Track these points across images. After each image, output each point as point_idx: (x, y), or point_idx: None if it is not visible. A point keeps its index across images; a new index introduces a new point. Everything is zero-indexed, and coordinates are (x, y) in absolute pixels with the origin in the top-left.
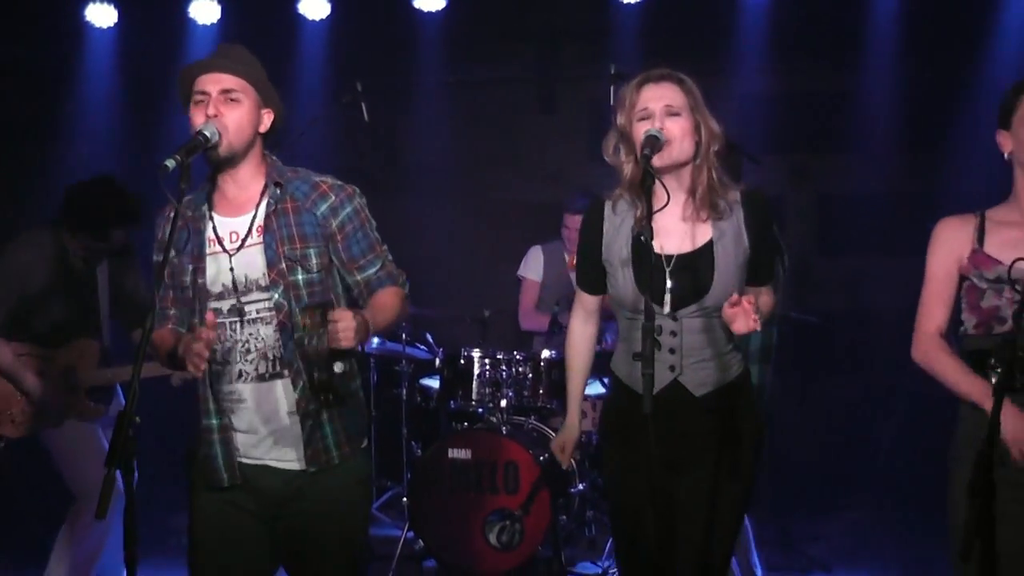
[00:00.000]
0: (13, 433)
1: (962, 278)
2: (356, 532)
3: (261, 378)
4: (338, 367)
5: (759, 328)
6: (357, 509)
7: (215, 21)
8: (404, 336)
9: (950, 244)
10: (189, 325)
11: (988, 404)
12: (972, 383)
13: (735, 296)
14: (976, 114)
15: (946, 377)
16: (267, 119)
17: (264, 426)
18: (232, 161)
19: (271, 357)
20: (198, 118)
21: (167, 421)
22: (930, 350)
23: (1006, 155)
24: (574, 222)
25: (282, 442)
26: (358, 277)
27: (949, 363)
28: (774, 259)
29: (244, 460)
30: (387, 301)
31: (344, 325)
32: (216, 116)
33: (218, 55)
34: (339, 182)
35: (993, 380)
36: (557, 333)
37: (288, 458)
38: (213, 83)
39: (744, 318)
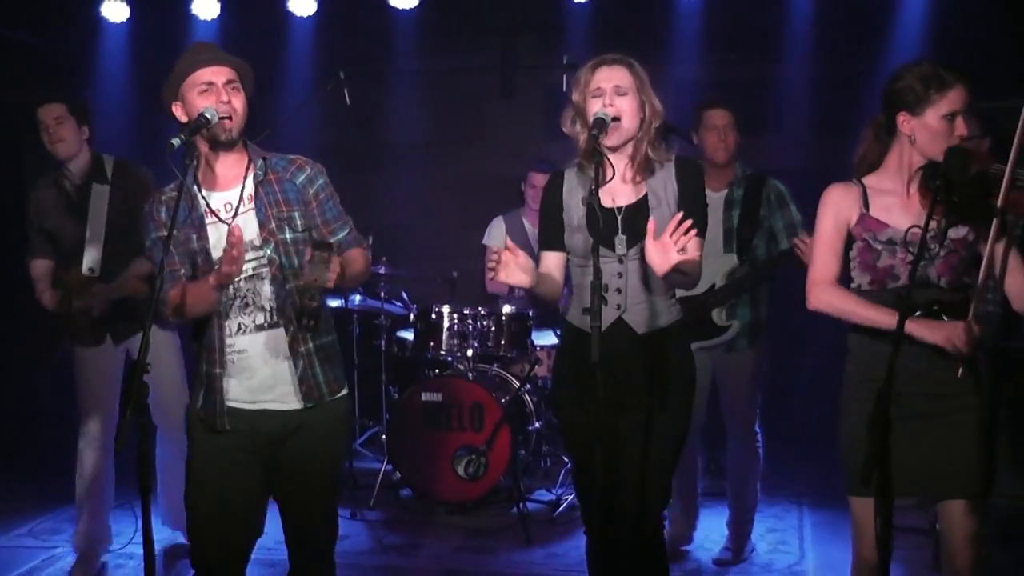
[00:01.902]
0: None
1: (852, 239)
2: (339, 463)
3: (260, 328)
4: (315, 302)
5: (682, 259)
6: (340, 445)
7: (215, 17)
8: (382, 294)
9: (839, 206)
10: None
11: (913, 327)
12: (876, 309)
13: (652, 225)
14: (878, 100)
15: (850, 310)
16: (247, 105)
17: (264, 372)
18: (232, 142)
19: (267, 308)
20: (209, 104)
21: None
22: (830, 292)
23: (907, 135)
24: (538, 179)
25: (280, 385)
26: (331, 240)
27: (850, 298)
28: (703, 218)
29: (247, 406)
30: (356, 257)
31: (336, 269)
32: (228, 102)
33: (208, 50)
34: (309, 159)
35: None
36: (517, 292)
37: (287, 400)
38: (218, 74)
39: (664, 253)
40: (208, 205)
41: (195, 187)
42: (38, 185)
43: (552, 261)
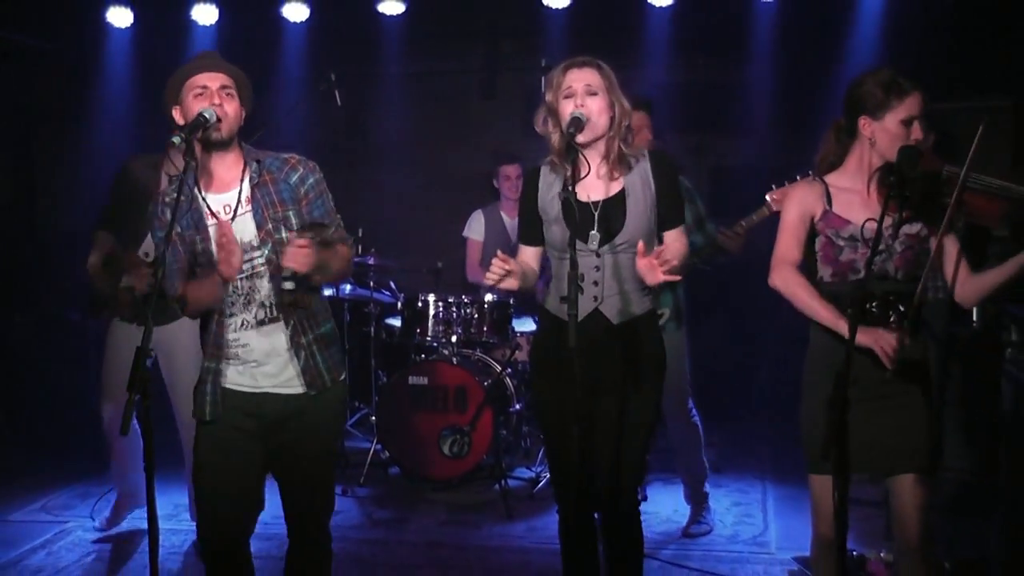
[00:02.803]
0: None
1: (815, 234)
2: (335, 442)
3: (261, 323)
4: (287, 284)
5: (669, 279)
6: (338, 425)
7: (213, 22)
8: (371, 284)
9: (803, 202)
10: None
11: (840, 324)
12: (826, 308)
13: (641, 246)
14: (836, 101)
15: (803, 302)
16: (243, 114)
17: (267, 362)
18: (226, 144)
19: (267, 304)
20: (199, 107)
21: None
22: (789, 277)
23: (868, 137)
24: (507, 171)
25: (283, 373)
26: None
27: (806, 291)
28: (682, 207)
29: (249, 390)
30: (339, 252)
31: (298, 250)
32: (220, 105)
33: (209, 57)
34: (303, 158)
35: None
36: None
37: (290, 385)
38: (212, 80)
39: (652, 271)
40: (208, 207)
41: (195, 189)
42: (139, 164)
43: (530, 254)
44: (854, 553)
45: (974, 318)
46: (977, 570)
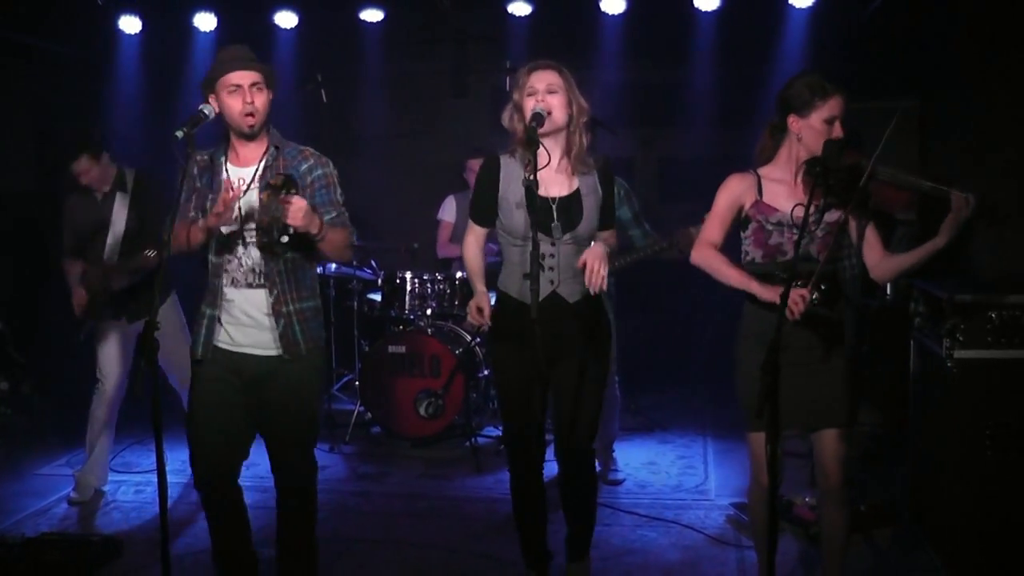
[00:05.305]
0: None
1: (747, 220)
2: (314, 405)
3: (248, 286)
4: (283, 238)
5: (602, 287)
6: (314, 387)
7: (212, 29)
8: (354, 262)
9: (736, 190)
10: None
11: (751, 285)
12: (738, 273)
13: (582, 261)
14: (768, 99)
15: (719, 271)
16: (270, 101)
17: (248, 322)
18: (255, 135)
19: (257, 271)
20: (236, 104)
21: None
22: (707, 253)
23: (795, 133)
24: (473, 164)
25: (262, 336)
26: None
27: (721, 263)
28: (615, 212)
29: (233, 349)
30: (338, 231)
31: (297, 206)
32: (251, 102)
33: (241, 56)
34: (318, 153)
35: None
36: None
37: (267, 348)
38: (245, 78)
39: (588, 278)
40: (228, 177)
41: (222, 159)
42: (73, 194)
43: (479, 233)
44: (783, 498)
45: (888, 292)
46: (887, 510)
